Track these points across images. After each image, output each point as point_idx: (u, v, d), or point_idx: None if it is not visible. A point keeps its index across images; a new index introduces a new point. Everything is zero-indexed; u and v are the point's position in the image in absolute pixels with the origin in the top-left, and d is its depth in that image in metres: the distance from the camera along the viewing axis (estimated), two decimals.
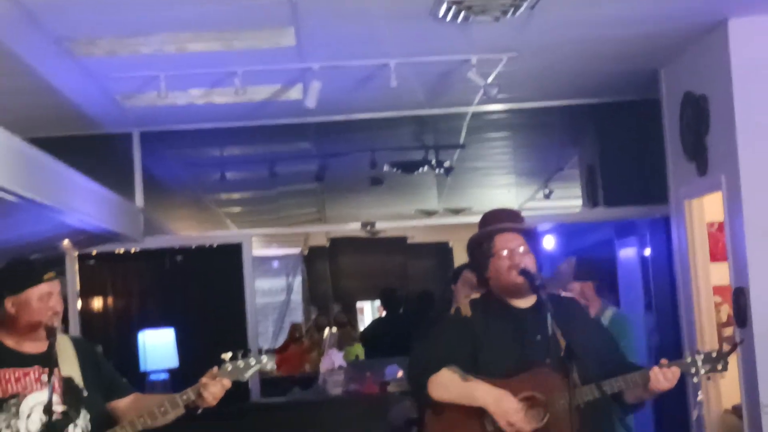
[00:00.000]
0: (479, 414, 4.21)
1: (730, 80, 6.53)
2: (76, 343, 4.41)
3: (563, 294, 4.64)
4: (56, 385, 4.12)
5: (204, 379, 4.09)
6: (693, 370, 4.25)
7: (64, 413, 4.11)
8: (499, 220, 4.44)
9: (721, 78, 6.65)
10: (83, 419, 4.18)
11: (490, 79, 7.20)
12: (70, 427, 4.13)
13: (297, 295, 17.06)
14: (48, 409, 4.02)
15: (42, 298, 4.17)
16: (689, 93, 7.25)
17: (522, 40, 6.71)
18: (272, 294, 16.44)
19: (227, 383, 4.10)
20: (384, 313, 12.17)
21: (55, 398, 4.09)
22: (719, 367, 4.27)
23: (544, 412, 4.17)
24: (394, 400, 8.24)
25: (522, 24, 6.23)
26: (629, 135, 8.97)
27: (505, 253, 4.32)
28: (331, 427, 7.68)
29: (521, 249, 4.33)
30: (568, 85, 8.32)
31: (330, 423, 7.71)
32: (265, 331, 15.93)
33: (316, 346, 13.91)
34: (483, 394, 4.19)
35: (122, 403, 4.34)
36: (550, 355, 4.19)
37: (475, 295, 4.58)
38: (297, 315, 16.75)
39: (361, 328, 15.28)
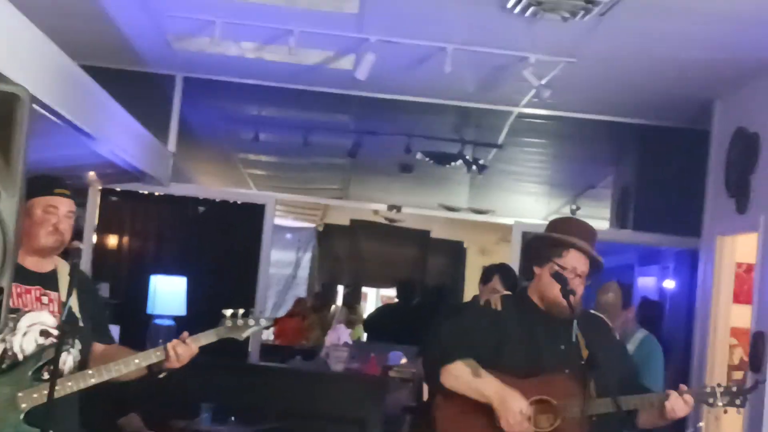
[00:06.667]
0: (490, 407, 4.16)
1: None
2: (78, 273, 4.18)
3: (592, 312, 4.55)
4: (56, 309, 4.02)
5: (173, 342, 4.03)
6: (711, 401, 4.18)
7: (60, 339, 3.92)
8: (582, 237, 4.32)
9: None
10: (76, 349, 4.08)
11: (544, 81, 7.12)
12: (64, 354, 3.99)
13: (304, 271, 16.99)
14: (46, 332, 3.94)
15: (46, 209, 4.00)
16: (742, 129, 7.15)
17: (584, 47, 6.64)
18: (279, 266, 16.34)
19: (195, 348, 4.03)
20: (395, 302, 12.13)
21: (53, 321, 4.00)
22: (737, 402, 4.20)
23: (554, 418, 4.11)
24: (394, 386, 8.23)
25: (588, 29, 6.16)
26: (671, 162, 8.89)
27: (568, 270, 4.24)
28: (329, 401, 7.62)
29: (581, 275, 4.27)
30: (618, 102, 8.23)
31: (328, 396, 7.66)
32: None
33: (316, 324, 13.88)
34: (491, 391, 4.15)
35: (100, 348, 4.22)
36: (570, 366, 4.15)
37: (506, 292, 4.53)
38: (300, 290, 16.69)
39: (363, 314, 15.24)
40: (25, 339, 3.95)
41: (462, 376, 4.20)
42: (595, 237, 4.39)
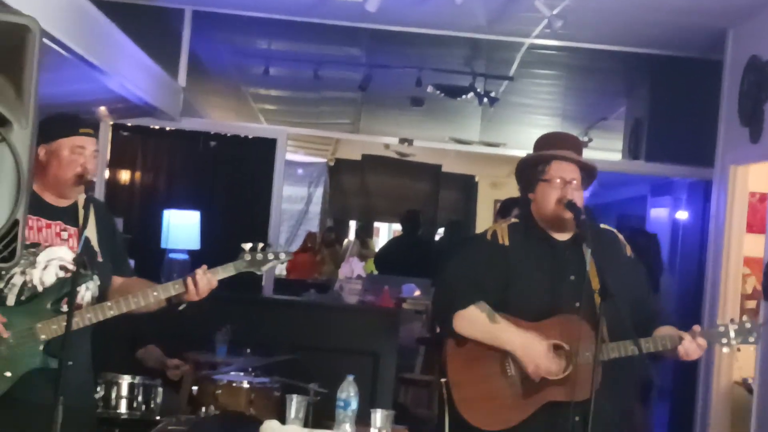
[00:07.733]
0: (501, 354, 4.09)
1: None
2: (97, 206, 4.29)
3: (603, 227, 4.39)
4: (75, 244, 4.05)
5: (193, 274, 4.04)
6: (724, 340, 4.09)
7: (76, 270, 3.95)
8: (561, 146, 4.20)
9: None
10: (94, 283, 4.11)
11: (556, 11, 7.05)
12: (83, 287, 4.05)
13: (316, 206, 17.00)
14: (64, 267, 3.99)
15: (73, 150, 4.06)
16: (755, 57, 7.08)
17: None
18: (291, 201, 16.35)
19: (214, 281, 4.04)
20: (401, 234, 12.14)
21: (71, 257, 4.04)
22: (751, 339, 4.11)
23: (567, 364, 4.03)
24: (408, 318, 8.26)
25: None
26: (684, 92, 8.83)
27: (558, 181, 4.11)
28: (343, 333, 7.65)
29: (574, 182, 4.13)
30: (632, 32, 8.13)
31: (342, 329, 7.68)
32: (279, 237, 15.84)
33: (328, 259, 13.92)
34: (511, 337, 4.05)
35: (118, 281, 4.26)
36: (581, 298, 4.02)
37: (514, 220, 4.38)
38: (313, 225, 16.72)
39: (375, 248, 15.28)
40: (46, 272, 4.00)
41: (477, 321, 4.07)
42: (579, 143, 4.28)
